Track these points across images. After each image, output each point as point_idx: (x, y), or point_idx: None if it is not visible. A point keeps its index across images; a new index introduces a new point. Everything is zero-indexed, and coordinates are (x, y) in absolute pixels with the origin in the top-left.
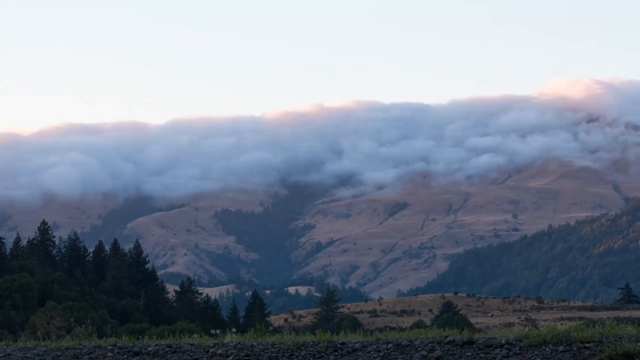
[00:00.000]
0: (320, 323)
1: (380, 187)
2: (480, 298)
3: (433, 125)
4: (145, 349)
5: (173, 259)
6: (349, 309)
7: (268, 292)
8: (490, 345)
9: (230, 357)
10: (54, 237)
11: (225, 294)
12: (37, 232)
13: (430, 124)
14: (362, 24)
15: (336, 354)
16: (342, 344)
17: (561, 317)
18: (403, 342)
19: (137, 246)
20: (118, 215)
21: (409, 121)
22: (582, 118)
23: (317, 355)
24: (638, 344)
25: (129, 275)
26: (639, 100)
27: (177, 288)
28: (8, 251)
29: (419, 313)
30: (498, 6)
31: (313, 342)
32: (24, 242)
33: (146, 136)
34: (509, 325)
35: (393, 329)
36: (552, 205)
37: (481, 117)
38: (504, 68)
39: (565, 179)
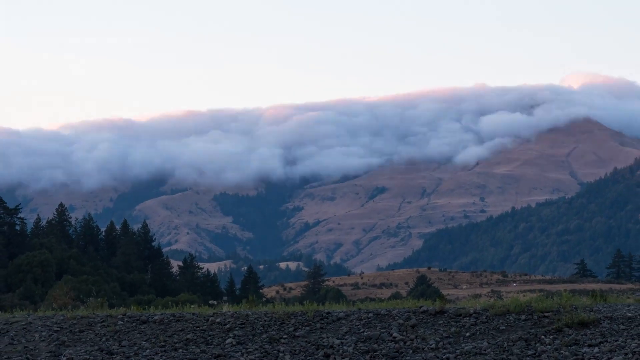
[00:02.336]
0: (308, 295)
1: (363, 173)
2: (451, 272)
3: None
4: (152, 317)
5: (177, 238)
6: (333, 282)
7: (261, 267)
8: (460, 315)
9: (227, 325)
10: (70, 218)
11: (223, 269)
12: (56, 213)
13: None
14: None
15: (322, 322)
16: (328, 313)
17: (523, 289)
18: (382, 312)
19: (145, 226)
20: (127, 199)
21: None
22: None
23: (305, 324)
24: (592, 313)
25: (137, 252)
26: (586, 98)
27: (180, 263)
28: (29, 230)
29: (396, 286)
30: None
31: (301, 311)
32: (43, 223)
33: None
34: (477, 296)
35: (373, 300)
36: (515, 189)
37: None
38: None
39: (527, 165)
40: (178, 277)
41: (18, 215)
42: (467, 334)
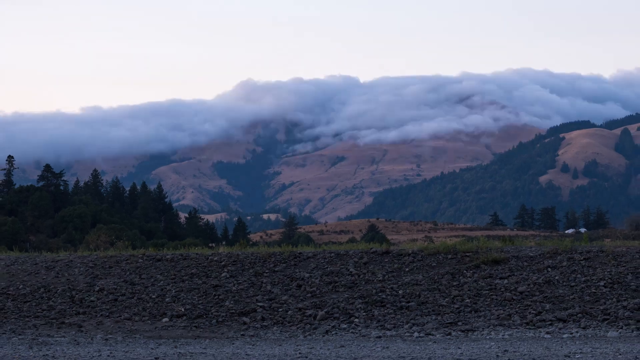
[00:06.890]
0: (284, 239)
1: (326, 145)
2: (394, 222)
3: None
4: (165, 257)
5: (184, 195)
6: (304, 229)
7: (249, 217)
8: (402, 254)
9: (222, 262)
10: (102, 180)
11: (219, 219)
12: (91, 177)
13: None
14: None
15: (295, 260)
16: (300, 253)
17: (450, 235)
18: (341, 252)
19: (159, 186)
20: (146, 165)
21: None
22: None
23: (283, 261)
24: (502, 253)
25: (153, 206)
26: (498, 86)
27: (187, 215)
28: (70, 190)
29: (352, 232)
30: None
31: (280, 252)
32: (81, 184)
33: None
34: (414, 240)
35: (334, 243)
36: (444, 159)
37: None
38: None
39: (453, 141)
40: (185, 226)
41: (62, 178)
42: (407, 269)
